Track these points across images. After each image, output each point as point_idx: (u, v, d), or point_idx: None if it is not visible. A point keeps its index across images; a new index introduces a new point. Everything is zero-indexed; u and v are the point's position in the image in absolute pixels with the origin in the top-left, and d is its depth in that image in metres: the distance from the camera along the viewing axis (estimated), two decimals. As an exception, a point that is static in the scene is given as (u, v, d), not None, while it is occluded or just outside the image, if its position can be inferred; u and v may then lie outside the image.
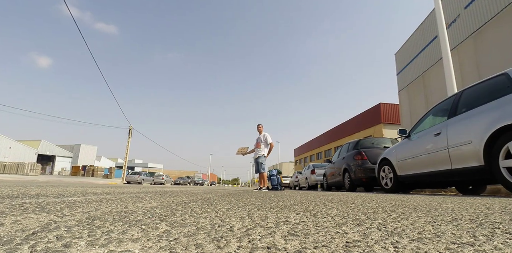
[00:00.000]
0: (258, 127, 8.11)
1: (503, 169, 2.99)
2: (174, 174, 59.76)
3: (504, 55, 8.83)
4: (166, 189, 5.93)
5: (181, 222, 1.05)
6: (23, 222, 0.94)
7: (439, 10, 7.32)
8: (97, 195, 2.71)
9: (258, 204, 2.04)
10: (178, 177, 44.54)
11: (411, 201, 2.48)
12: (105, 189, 4.80)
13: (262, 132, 8.02)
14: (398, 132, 5.28)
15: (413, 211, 1.60)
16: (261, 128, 8.08)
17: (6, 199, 1.83)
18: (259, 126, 8.09)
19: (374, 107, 26.14)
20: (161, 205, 1.80)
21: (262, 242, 0.72)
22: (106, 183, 15.03)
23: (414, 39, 15.57)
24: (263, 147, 7.84)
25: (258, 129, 8.09)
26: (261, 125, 8.11)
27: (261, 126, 8.09)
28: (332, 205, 2.07)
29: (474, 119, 3.41)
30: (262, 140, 7.87)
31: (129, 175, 25.74)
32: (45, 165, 42.19)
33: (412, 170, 4.72)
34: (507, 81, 3.18)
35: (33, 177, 22.12)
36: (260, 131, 8.06)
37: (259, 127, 8.09)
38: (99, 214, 1.22)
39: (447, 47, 7.09)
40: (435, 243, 0.73)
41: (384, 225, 1.03)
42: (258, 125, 8.11)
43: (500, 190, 4.85)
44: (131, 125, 24.41)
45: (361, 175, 7.00)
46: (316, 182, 12.35)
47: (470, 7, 10.71)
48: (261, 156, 7.78)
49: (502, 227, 1.00)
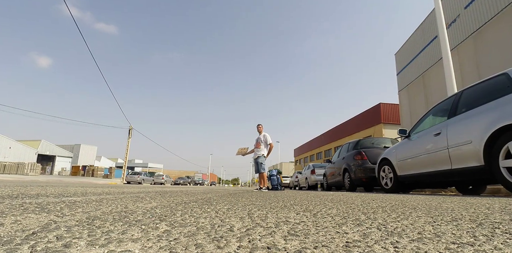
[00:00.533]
0: (258, 127, 8.09)
1: (503, 169, 2.99)
2: (174, 174, 59.76)
3: (504, 55, 8.83)
4: (166, 189, 5.93)
5: (181, 222, 1.05)
6: (23, 222, 0.94)
7: (439, 10, 7.32)
8: (97, 195, 2.71)
9: (258, 204, 2.04)
10: (178, 177, 44.53)
11: (411, 201, 2.48)
12: (105, 189, 4.80)
13: (262, 132, 8.01)
14: (398, 132, 5.28)
15: (413, 211, 1.60)
16: (261, 128, 8.06)
17: (6, 199, 1.83)
18: (259, 126, 8.08)
19: (374, 107, 26.14)
20: (161, 205, 1.80)
21: (262, 242, 0.72)
22: (106, 183, 15.03)
23: (414, 39, 15.57)
24: (262, 147, 7.84)
25: (258, 129, 8.08)
26: (261, 125, 8.09)
27: (261, 126, 8.08)
28: (332, 205, 2.07)
29: (474, 119, 3.41)
30: (262, 140, 7.87)
31: (129, 175, 25.74)
32: (45, 165, 42.19)
33: (412, 170, 4.71)
34: (507, 81, 3.18)
35: (33, 177, 22.12)
36: (260, 131, 8.05)
37: (259, 127, 8.08)
38: (99, 214, 1.22)
39: (447, 47, 7.09)
40: (435, 243, 0.73)
41: (384, 225, 1.03)
42: (258, 125, 8.09)
43: (500, 190, 4.85)
44: (131, 125, 24.41)
45: (361, 175, 7.00)
46: (316, 182, 12.35)
47: (470, 7, 10.71)
48: (261, 156, 7.78)
49: (502, 227, 1.00)
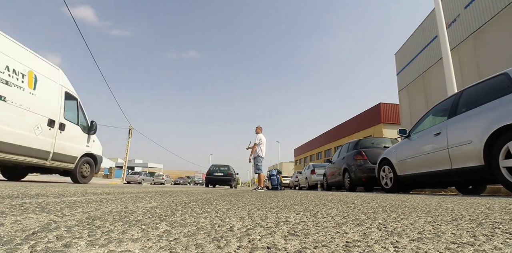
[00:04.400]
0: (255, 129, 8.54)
1: (503, 169, 2.99)
2: (174, 174, 59.79)
3: (504, 55, 8.83)
4: (166, 189, 5.93)
5: (181, 222, 1.05)
6: (23, 222, 0.94)
7: (439, 10, 7.33)
8: (97, 195, 2.71)
9: (258, 204, 2.04)
10: (178, 177, 44.58)
11: (411, 201, 2.48)
12: (105, 189, 4.80)
13: (258, 133, 8.39)
14: (398, 132, 5.28)
15: (413, 211, 1.60)
16: (257, 130, 8.44)
17: (6, 199, 1.83)
18: (256, 129, 8.48)
19: (374, 107, 26.15)
20: (161, 205, 1.80)
21: (262, 242, 0.72)
22: (106, 183, 15.04)
23: (414, 39, 15.58)
24: (257, 149, 8.19)
25: (255, 131, 8.51)
26: (257, 127, 8.46)
27: (257, 128, 8.44)
28: (332, 205, 2.07)
29: (474, 119, 3.41)
30: (255, 142, 8.30)
31: (129, 175, 25.76)
32: (45, 165, 42.09)
33: (412, 170, 4.72)
34: (507, 81, 3.19)
35: (33, 177, 22.10)
36: (256, 133, 8.44)
37: (256, 129, 8.49)
38: (99, 214, 1.22)
39: (447, 47, 7.09)
40: (435, 243, 0.73)
41: (384, 225, 1.03)
42: (256, 128, 8.49)
43: (500, 190, 4.85)
44: (131, 125, 24.42)
45: (361, 175, 7.00)
46: (316, 182, 12.36)
47: (470, 7, 10.72)
48: (257, 157, 8.15)
49: (502, 227, 1.00)
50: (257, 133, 8.35)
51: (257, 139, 8.22)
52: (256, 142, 8.17)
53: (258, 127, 8.44)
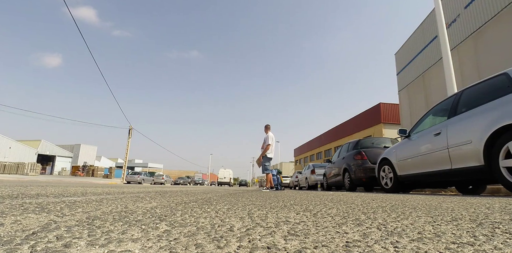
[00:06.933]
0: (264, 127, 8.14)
1: (503, 169, 2.99)
2: (174, 174, 59.76)
3: (504, 55, 8.83)
4: (166, 189, 5.93)
5: (181, 222, 1.05)
6: (23, 222, 0.94)
7: (439, 10, 7.32)
8: (97, 195, 2.71)
9: (258, 204, 2.04)
10: (178, 177, 44.55)
11: (411, 201, 2.48)
12: (105, 189, 4.80)
13: (267, 133, 7.99)
14: (398, 132, 5.28)
15: (413, 211, 1.60)
16: (266, 128, 8.05)
17: (6, 199, 1.83)
18: (265, 127, 8.07)
19: (374, 107, 26.13)
20: (161, 205, 1.80)
21: (262, 242, 0.72)
22: (106, 183, 15.03)
23: (414, 39, 15.57)
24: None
25: (264, 130, 8.10)
26: (267, 126, 8.06)
27: (266, 127, 8.05)
28: (332, 205, 2.07)
29: (474, 119, 3.41)
30: (264, 141, 7.93)
31: (129, 175, 25.73)
32: (45, 165, 42.16)
33: (412, 170, 4.71)
34: (507, 81, 3.18)
35: (33, 177, 22.11)
36: (265, 132, 8.05)
37: (265, 127, 8.09)
38: (99, 214, 1.22)
39: (447, 47, 7.09)
40: (435, 243, 0.73)
41: (384, 225, 1.03)
42: (265, 126, 8.08)
43: (500, 190, 4.85)
44: (131, 125, 24.42)
45: (361, 175, 7.00)
46: (316, 182, 12.35)
47: (470, 7, 10.71)
48: (264, 157, 7.86)
49: (502, 227, 1.00)
50: (267, 133, 7.93)
51: (270, 138, 7.78)
52: (270, 142, 7.74)
53: (266, 125, 8.00)
